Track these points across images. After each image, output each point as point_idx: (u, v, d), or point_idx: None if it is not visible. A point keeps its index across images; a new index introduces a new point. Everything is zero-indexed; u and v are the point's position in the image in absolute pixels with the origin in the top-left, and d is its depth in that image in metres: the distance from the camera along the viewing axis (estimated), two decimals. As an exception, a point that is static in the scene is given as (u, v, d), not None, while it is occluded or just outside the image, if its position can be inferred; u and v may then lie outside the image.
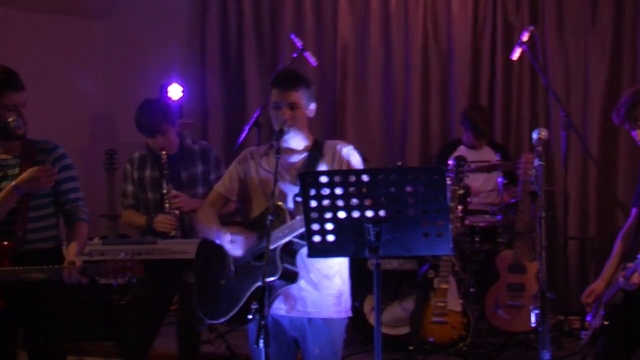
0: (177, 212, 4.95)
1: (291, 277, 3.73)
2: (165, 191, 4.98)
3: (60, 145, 4.31)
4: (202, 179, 5.11)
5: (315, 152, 3.93)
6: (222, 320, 3.89)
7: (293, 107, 3.85)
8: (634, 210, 4.37)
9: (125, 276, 3.96)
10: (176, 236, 4.94)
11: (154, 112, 5.05)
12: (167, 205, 4.96)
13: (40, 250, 4.13)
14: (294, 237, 3.66)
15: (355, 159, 3.93)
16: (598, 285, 4.26)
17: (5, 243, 4.02)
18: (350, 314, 3.97)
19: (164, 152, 5.02)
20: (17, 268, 4.00)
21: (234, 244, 3.80)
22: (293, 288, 3.79)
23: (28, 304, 4.11)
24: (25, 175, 4.06)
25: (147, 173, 5.10)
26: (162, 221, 4.93)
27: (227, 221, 4.06)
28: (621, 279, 3.98)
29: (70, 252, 4.06)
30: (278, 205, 3.73)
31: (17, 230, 4.07)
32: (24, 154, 4.18)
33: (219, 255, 3.91)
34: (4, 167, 4.16)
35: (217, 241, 3.88)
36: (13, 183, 4.05)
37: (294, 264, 3.74)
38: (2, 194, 4.05)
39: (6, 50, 7.22)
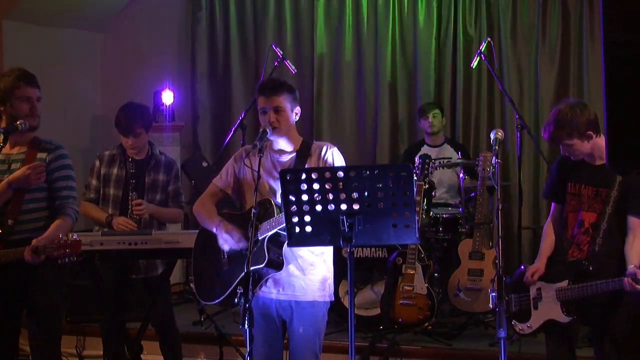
0: (136, 217, 4.91)
1: (277, 265, 3.70)
2: (130, 197, 4.93)
3: (62, 146, 4.23)
4: (162, 187, 5.07)
5: (302, 152, 3.90)
6: (216, 302, 3.87)
7: (277, 110, 3.81)
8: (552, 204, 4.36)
9: (68, 253, 3.88)
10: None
11: (133, 113, 5.02)
12: (130, 210, 4.92)
13: (30, 240, 4.02)
14: (281, 229, 3.62)
15: (339, 160, 3.93)
16: (540, 266, 4.18)
17: None
18: (332, 298, 3.96)
19: (133, 151, 5.00)
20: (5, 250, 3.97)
21: (227, 239, 3.76)
22: (282, 274, 3.77)
23: (25, 284, 4.06)
24: (17, 173, 4.04)
25: (114, 171, 5.04)
26: (122, 223, 4.88)
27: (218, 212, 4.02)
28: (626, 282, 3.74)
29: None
30: (268, 200, 3.73)
31: (8, 220, 4.02)
32: (29, 150, 4.12)
33: (215, 243, 3.87)
34: (10, 162, 4.09)
35: (215, 232, 3.84)
36: (6, 179, 4.00)
37: (280, 253, 3.71)
38: None
39: (17, 58, 7.14)
